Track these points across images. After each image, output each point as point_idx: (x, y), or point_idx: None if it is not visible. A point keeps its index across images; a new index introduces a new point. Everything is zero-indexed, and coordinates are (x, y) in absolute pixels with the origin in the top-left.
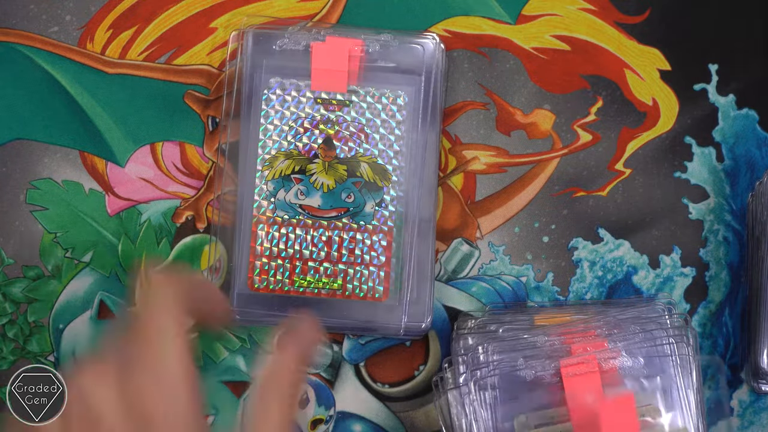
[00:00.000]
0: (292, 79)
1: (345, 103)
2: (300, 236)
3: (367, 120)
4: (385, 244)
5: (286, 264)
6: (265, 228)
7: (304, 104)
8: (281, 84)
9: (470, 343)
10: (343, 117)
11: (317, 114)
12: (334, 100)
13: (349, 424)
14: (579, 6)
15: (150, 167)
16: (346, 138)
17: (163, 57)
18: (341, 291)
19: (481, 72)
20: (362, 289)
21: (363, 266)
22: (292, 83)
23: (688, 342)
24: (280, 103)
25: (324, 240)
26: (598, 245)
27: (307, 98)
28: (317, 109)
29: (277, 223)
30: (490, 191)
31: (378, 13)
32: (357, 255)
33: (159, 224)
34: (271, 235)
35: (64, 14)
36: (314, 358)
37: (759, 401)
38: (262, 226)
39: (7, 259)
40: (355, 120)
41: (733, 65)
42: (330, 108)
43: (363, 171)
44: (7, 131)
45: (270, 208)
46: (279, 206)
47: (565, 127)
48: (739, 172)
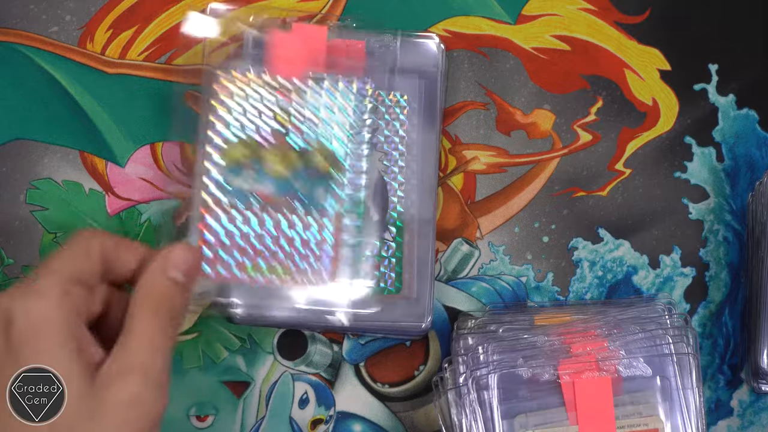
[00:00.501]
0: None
1: (301, 91)
2: (251, 223)
3: (323, 107)
4: (333, 231)
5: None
6: (215, 215)
7: (259, 91)
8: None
9: (470, 343)
10: (299, 104)
11: (273, 101)
12: (290, 87)
13: (349, 424)
14: (579, 6)
15: (150, 167)
16: (299, 127)
17: (163, 57)
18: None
19: (481, 72)
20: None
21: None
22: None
23: (688, 342)
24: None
25: (273, 226)
26: (598, 245)
27: (263, 84)
28: (273, 96)
29: (227, 210)
30: (490, 191)
31: (378, 13)
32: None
33: (159, 224)
34: (221, 223)
35: (64, 14)
36: (194, 281)
37: (759, 401)
38: (210, 213)
39: (7, 259)
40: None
41: (733, 65)
42: (285, 95)
43: (316, 160)
44: (7, 131)
45: (224, 195)
46: (232, 194)
47: (565, 127)
48: (739, 172)
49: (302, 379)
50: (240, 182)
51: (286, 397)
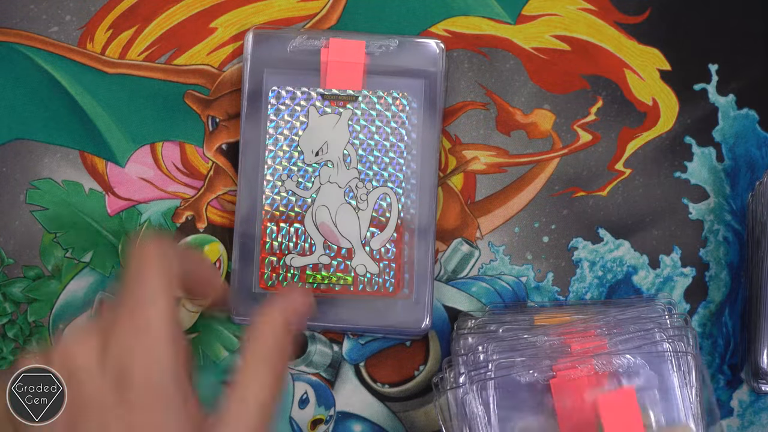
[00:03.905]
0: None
1: (353, 98)
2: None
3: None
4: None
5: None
6: (276, 224)
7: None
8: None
9: (470, 343)
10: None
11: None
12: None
13: (349, 424)
14: (579, 6)
15: (150, 167)
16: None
17: (163, 57)
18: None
19: (481, 72)
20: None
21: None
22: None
23: (688, 342)
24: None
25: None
26: (598, 245)
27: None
28: (325, 105)
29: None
30: (490, 191)
31: (378, 14)
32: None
33: (159, 224)
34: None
35: (64, 14)
36: (304, 323)
37: (759, 401)
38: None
39: (7, 259)
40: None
41: (733, 65)
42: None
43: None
44: (7, 131)
45: (283, 203)
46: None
47: (565, 127)
48: (739, 172)
49: (302, 379)
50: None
51: (286, 397)
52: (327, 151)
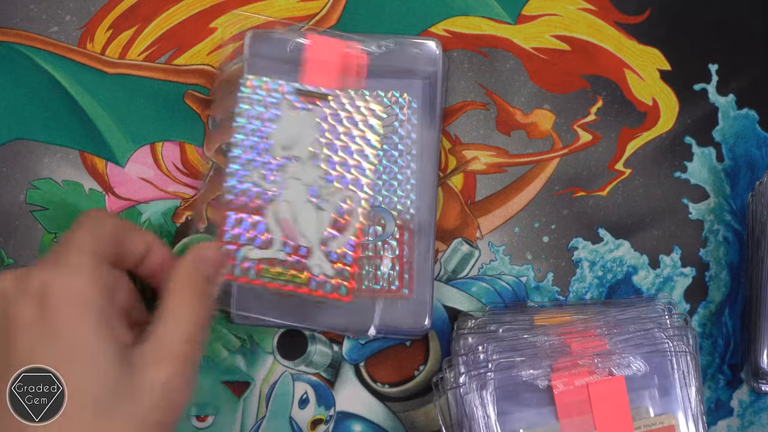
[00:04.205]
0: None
1: (324, 97)
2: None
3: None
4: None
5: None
6: (236, 213)
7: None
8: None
9: (470, 343)
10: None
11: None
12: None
13: (349, 424)
14: (579, 6)
15: (150, 167)
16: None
17: (163, 57)
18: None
19: (481, 72)
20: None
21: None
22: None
23: (688, 342)
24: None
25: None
26: (598, 245)
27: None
28: (298, 100)
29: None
30: (490, 191)
31: (378, 14)
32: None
33: (159, 224)
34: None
35: (64, 14)
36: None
37: (759, 401)
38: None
39: (7, 259)
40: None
41: (733, 65)
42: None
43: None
44: (7, 131)
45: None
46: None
47: (565, 127)
48: (739, 172)
49: (302, 379)
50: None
51: (286, 397)
52: (295, 147)
